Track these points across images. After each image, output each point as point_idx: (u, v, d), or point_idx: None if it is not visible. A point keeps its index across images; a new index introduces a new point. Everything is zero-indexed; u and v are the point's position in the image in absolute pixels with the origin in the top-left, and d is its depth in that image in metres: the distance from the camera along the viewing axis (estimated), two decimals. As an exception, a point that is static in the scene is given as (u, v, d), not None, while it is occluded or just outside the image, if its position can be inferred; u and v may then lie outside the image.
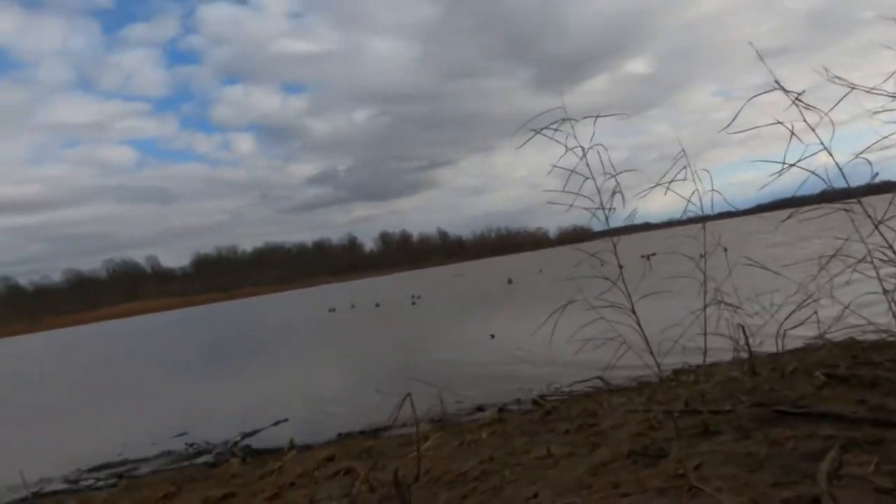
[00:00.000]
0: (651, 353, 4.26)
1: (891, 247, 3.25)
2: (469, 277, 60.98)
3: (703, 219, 4.90)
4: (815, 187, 4.11)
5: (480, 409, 8.58)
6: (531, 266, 59.62)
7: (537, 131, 4.50)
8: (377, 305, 39.00)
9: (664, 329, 5.13)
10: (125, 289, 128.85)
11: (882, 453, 4.11)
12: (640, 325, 4.11)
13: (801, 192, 4.23)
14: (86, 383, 21.38)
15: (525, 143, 4.70)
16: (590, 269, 5.22)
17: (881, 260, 3.43)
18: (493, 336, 15.85)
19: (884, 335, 5.21)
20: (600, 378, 8.16)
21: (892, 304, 3.76)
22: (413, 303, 36.02)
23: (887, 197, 3.88)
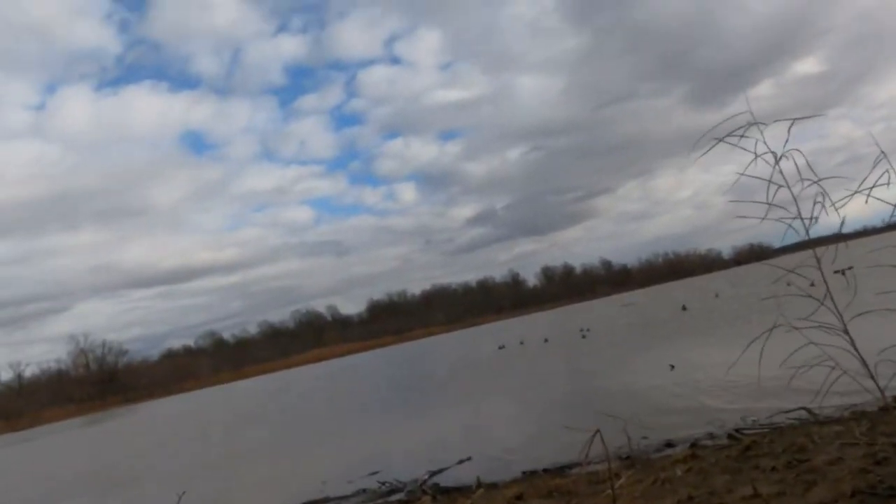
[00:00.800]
0: (872, 377, 3.80)
1: None
2: (639, 306, 58.49)
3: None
4: None
5: (670, 444, 8.12)
6: (705, 290, 55.97)
7: (720, 139, 4.30)
8: (546, 341, 38.59)
9: (882, 350, 4.57)
10: (311, 337, 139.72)
11: None
12: (855, 347, 3.69)
13: None
14: (286, 424, 23.29)
15: (706, 151, 4.50)
16: (776, 290, 4.82)
17: None
18: (672, 367, 15.02)
19: None
20: (805, 409, 7.40)
21: None
22: (583, 336, 35.18)
23: None
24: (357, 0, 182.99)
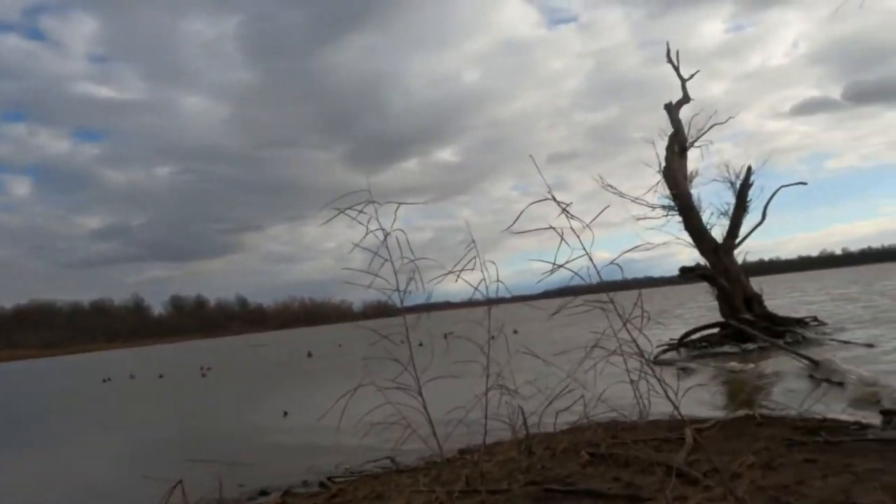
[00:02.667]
0: (434, 435, 4.42)
1: (634, 342, 3.77)
2: (268, 349, 58.39)
3: (489, 302, 5.29)
4: (589, 279, 4.67)
5: (264, 492, 8.11)
6: (333, 339, 58.79)
7: (341, 211, 4.62)
8: (161, 377, 35.64)
9: (451, 410, 5.35)
10: None
11: (629, 527, 4.59)
12: (425, 408, 4.26)
13: (574, 283, 4.77)
14: None
15: (329, 220, 4.80)
16: (388, 346, 5.33)
17: (628, 353, 3.95)
18: (286, 413, 15.21)
19: (633, 418, 5.91)
20: (390, 459, 8.17)
21: (636, 391, 4.32)
22: (203, 374, 33.49)
23: (634, 293, 4.52)
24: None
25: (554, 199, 3.82)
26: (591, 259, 3.77)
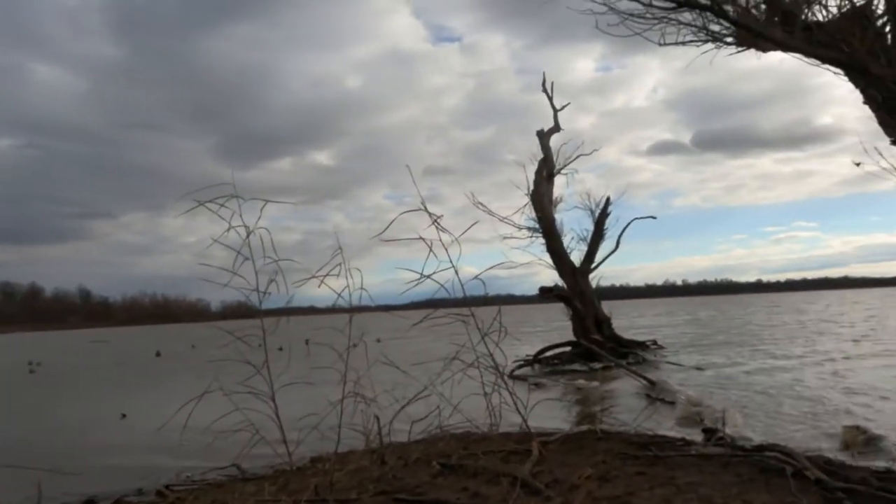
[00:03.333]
0: (284, 442, 4.28)
1: (491, 356, 3.88)
2: (112, 346, 54.03)
3: (352, 310, 5.23)
4: (454, 292, 4.76)
5: (92, 501, 7.44)
6: (186, 339, 55.55)
7: (202, 203, 4.38)
8: (-22, 371, 31.83)
9: (303, 417, 5.21)
10: None
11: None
12: (277, 415, 4.12)
13: (439, 296, 4.84)
14: None
15: (188, 211, 4.52)
16: (244, 349, 5.11)
17: (484, 366, 4.06)
18: (124, 416, 14.11)
19: (485, 429, 6.09)
20: (236, 466, 7.80)
21: (489, 404, 4.45)
22: (31, 371, 30.33)
23: (495, 309, 4.67)
24: None
25: (426, 211, 3.88)
26: (457, 272, 3.86)
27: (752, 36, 5.63)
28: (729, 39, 6.10)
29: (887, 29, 4.90)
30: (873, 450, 7.33)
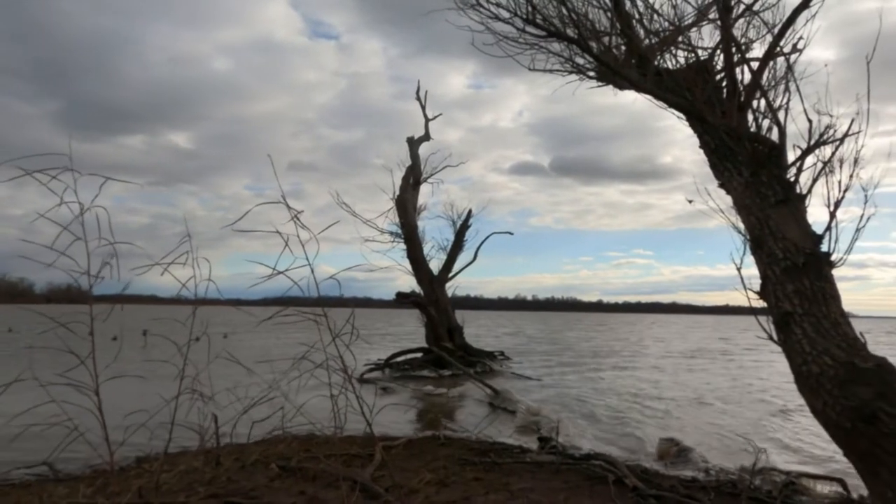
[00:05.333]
0: (106, 439, 3.93)
1: (341, 358, 3.83)
2: None
3: (198, 302, 4.93)
4: (308, 291, 4.62)
5: None
6: (1, 322, 49.68)
7: (29, 172, 3.94)
8: None
9: (131, 413, 4.83)
10: None
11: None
12: (100, 409, 3.77)
13: (293, 294, 4.69)
14: None
15: (12, 180, 4.05)
16: (68, 337, 4.64)
17: (333, 368, 4.00)
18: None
19: (329, 432, 5.99)
20: (48, 465, 7.06)
21: (335, 406, 4.39)
22: None
23: (349, 311, 4.62)
24: None
25: (286, 204, 3.75)
26: (312, 271, 3.76)
27: (610, 73, 6.05)
28: (591, 73, 6.52)
29: (724, 83, 5.47)
30: (683, 460, 8.11)
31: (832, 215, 4.52)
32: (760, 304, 4.68)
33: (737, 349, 35.76)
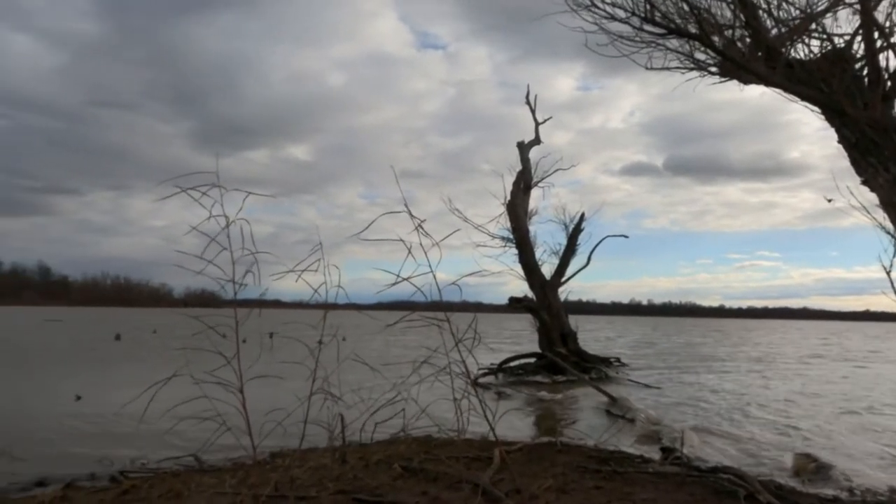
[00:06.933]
0: (249, 434, 4.25)
1: (464, 362, 3.92)
2: (68, 325, 52.74)
3: (325, 306, 5.22)
4: (429, 296, 4.79)
5: (42, 483, 7.25)
6: (146, 323, 54.55)
7: (183, 189, 4.34)
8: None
9: (270, 411, 5.18)
10: None
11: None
12: (244, 407, 4.09)
13: (415, 299, 4.87)
14: None
15: (168, 197, 4.48)
16: (209, 339, 5.06)
17: (455, 372, 4.10)
18: (79, 398, 13.81)
19: (451, 434, 6.12)
20: (194, 456, 7.70)
21: (458, 410, 4.49)
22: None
23: (471, 316, 4.72)
24: None
25: (410, 213, 3.90)
26: (434, 277, 3.88)
27: (735, 68, 5.78)
28: (713, 69, 6.26)
29: (864, 72, 5.07)
30: (822, 478, 7.55)
31: None
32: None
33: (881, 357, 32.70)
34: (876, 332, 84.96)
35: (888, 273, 4.34)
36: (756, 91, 6.41)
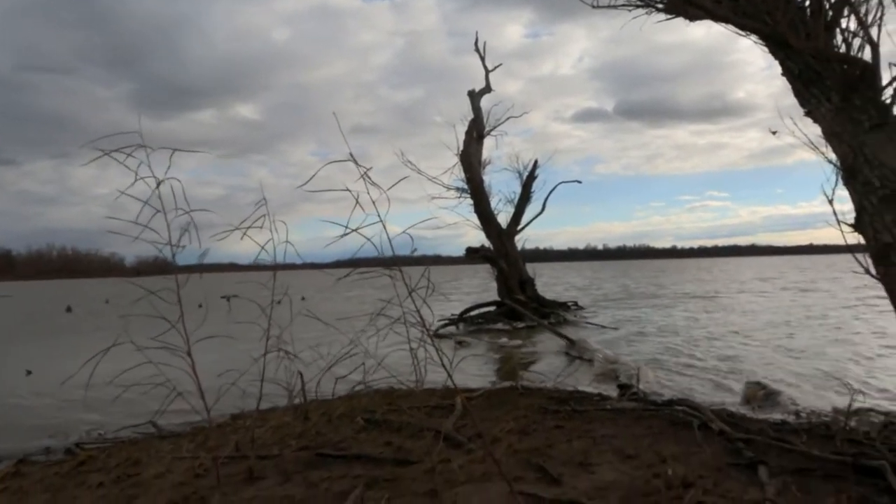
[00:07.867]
0: (202, 397, 4.16)
1: (418, 311, 3.87)
2: (16, 300, 50.99)
3: (274, 267, 5.08)
4: (381, 249, 4.68)
5: (-7, 462, 7.05)
6: (98, 294, 53.15)
7: (106, 152, 4.10)
8: None
9: (223, 373, 5.07)
10: None
11: (395, 488, 4.76)
12: (194, 370, 3.99)
13: (366, 254, 4.76)
14: None
15: (92, 161, 4.23)
16: (160, 306, 4.88)
17: (410, 322, 4.05)
18: (29, 372, 13.41)
19: (410, 385, 6.13)
20: (152, 423, 7.57)
21: (415, 359, 4.46)
22: (-78, 326, 28.28)
23: (422, 269, 4.65)
24: None
25: (355, 162, 3.76)
26: (384, 227, 3.78)
27: (681, 2, 5.69)
28: (659, 5, 6.17)
29: (807, 3, 5.05)
30: (771, 403, 7.87)
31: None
32: (855, 238, 4.40)
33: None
34: (811, 264, 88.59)
35: (830, 202, 4.42)
36: (702, 31, 6.37)
